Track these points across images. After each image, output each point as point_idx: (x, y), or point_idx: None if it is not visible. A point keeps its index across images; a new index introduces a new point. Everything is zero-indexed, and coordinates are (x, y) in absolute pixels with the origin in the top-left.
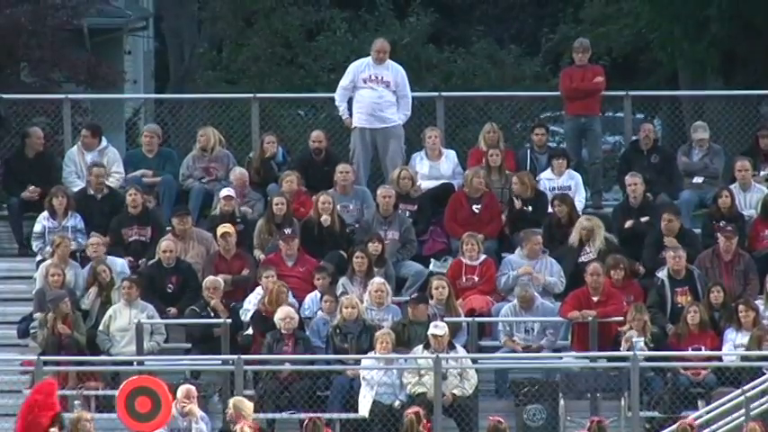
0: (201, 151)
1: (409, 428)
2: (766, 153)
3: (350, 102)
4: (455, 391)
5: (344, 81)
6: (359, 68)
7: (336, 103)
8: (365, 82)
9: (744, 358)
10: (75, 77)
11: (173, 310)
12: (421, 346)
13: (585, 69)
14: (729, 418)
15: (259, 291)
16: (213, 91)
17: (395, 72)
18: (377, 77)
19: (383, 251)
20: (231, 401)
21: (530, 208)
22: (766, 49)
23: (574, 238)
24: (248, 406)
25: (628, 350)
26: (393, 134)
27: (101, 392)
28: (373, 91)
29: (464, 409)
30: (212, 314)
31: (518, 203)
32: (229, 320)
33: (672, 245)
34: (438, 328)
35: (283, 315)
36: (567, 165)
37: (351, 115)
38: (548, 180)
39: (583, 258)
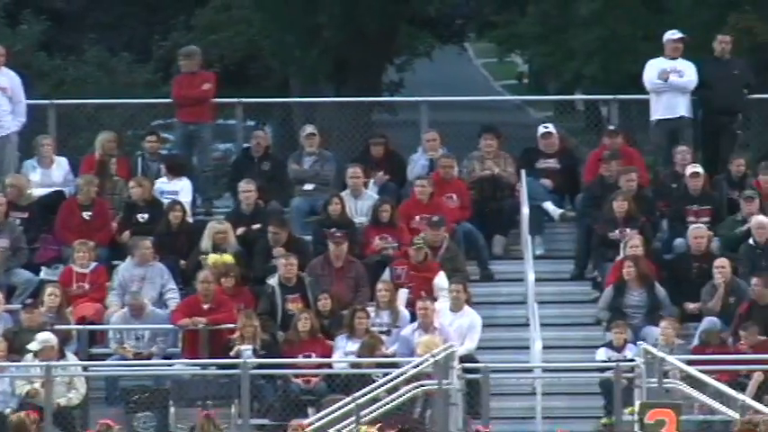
0: None
1: (20, 428)
2: (377, 160)
3: None
4: (60, 401)
5: None
6: None
7: None
8: None
9: (354, 365)
10: None
11: None
12: (32, 354)
13: (195, 76)
14: (340, 426)
15: None
16: None
17: (11, 78)
18: None
19: None
20: None
21: (147, 216)
22: (377, 57)
23: (206, 243)
24: None
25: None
26: (9, 141)
27: None
28: None
29: (74, 417)
30: None
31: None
32: None
33: (281, 254)
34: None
35: None
36: (174, 171)
37: None
38: (160, 185)
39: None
